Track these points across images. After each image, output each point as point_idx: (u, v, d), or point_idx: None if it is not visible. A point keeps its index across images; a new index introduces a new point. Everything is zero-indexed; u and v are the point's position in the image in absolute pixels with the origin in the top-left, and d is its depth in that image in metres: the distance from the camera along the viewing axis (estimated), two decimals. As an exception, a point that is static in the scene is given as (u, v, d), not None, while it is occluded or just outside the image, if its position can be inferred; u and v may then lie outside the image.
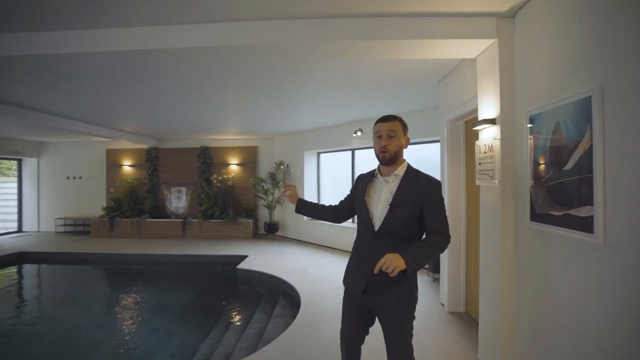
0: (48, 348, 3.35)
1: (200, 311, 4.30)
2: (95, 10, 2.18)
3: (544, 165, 1.82)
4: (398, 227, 1.56)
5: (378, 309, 1.63)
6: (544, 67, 1.83)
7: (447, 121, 3.38)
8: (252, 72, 3.51)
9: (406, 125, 1.67)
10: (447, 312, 3.44)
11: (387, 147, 1.60)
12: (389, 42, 2.27)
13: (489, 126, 2.25)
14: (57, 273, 6.26)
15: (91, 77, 3.76)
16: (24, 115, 5.28)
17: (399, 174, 1.63)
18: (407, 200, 1.56)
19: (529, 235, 1.99)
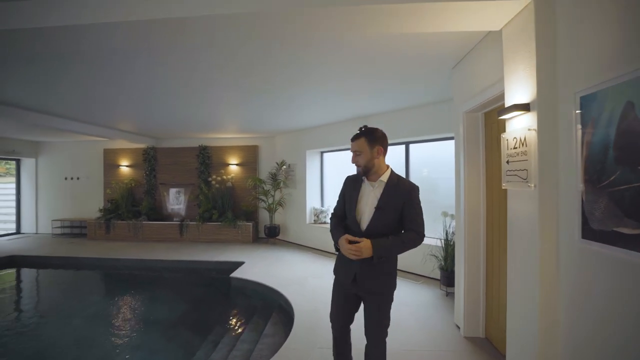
0: None
1: (188, 326, 3.90)
2: None
3: (606, 163, 1.32)
4: (382, 227, 1.77)
5: (364, 294, 1.87)
6: (606, 28, 1.32)
7: (463, 113, 2.87)
8: (249, 60, 3.07)
9: (375, 138, 1.81)
10: (462, 336, 2.93)
11: (355, 163, 1.86)
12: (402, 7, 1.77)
13: (521, 114, 1.75)
14: (45, 279, 5.95)
15: (87, 75, 3.54)
16: (22, 115, 5.12)
17: (383, 180, 1.82)
18: (390, 204, 1.77)
19: (580, 258, 1.48)
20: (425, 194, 4.77)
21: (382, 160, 1.84)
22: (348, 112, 5.42)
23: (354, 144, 1.84)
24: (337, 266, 1.98)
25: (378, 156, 1.81)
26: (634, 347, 1.21)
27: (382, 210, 1.76)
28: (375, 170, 1.82)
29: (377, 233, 1.75)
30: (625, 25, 1.24)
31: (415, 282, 4.48)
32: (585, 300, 1.46)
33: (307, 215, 7.11)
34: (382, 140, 1.82)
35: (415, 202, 1.79)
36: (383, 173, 1.83)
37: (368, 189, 1.85)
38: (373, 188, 1.83)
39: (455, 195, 3.14)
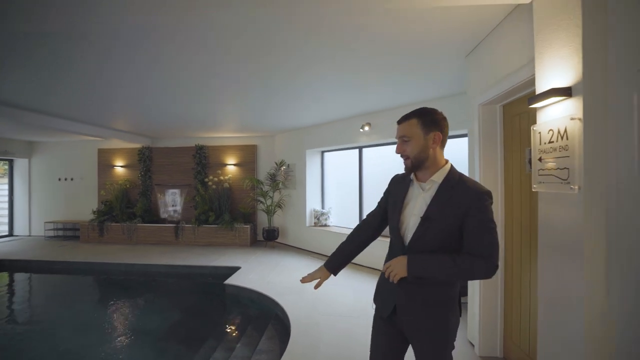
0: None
1: (179, 339, 3.60)
2: None
3: (685, 159, 1.01)
4: (431, 244, 1.31)
5: (410, 332, 1.38)
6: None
7: (478, 106, 2.56)
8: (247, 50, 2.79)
9: (432, 121, 1.33)
10: (478, 355, 2.62)
11: (402, 154, 1.38)
12: None
13: (560, 99, 1.44)
14: (33, 284, 5.68)
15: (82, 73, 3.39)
16: (15, 115, 4.94)
17: (437, 181, 1.34)
18: (444, 213, 1.29)
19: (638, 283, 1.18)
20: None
21: (440, 153, 1.36)
22: (352, 108, 5.11)
23: (400, 127, 1.37)
24: (377, 291, 1.55)
25: (434, 145, 1.33)
26: None
27: (431, 222, 1.29)
28: (428, 166, 1.35)
29: (425, 247, 1.31)
30: None
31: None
32: None
33: (307, 217, 6.81)
34: (441, 126, 1.34)
35: (486, 215, 1.25)
36: (438, 170, 1.35)
37: (417, 191, 1.39)
38: (423, 191, 1.37)
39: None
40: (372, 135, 5.35)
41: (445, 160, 1.38)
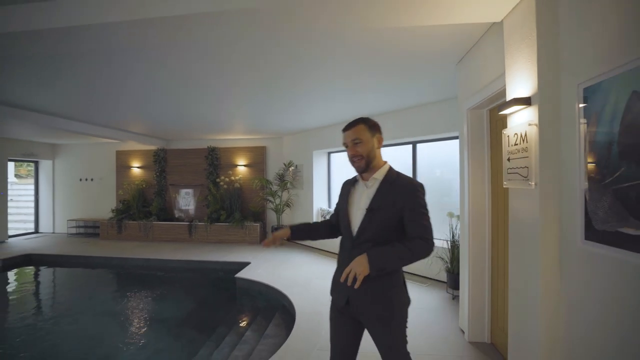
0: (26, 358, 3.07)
1: (193, 325, 3.91)
2: None
3: (610, 159, 1.23)
4: (376, 233, 1.47)
5: (364, 319, 1.52)
6: (612, 13, 1.23)
7: (467, 110, 2.77)
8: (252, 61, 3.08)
9: (374, 125, 1.57)
10: (467, 341, 2.82)
11: (355, 154, 1.54)
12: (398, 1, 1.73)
13: (522, 108, 1.66)
14: (59, 277, 6.10)
15: (101, 79, 3.67)
16: (40, 119, 5.35)
17: (378, 178, 1.54)
18: (384, 205, 1.47)
19: (583, 260, 1.39)
20: (438, 195, 4.68)
21: (380, 154, 1.58)
22: (354, 111, 5.34)
23: (350, 132, 1.55)
24: (332, 285, 1.65)
25: (378, 146, 1.57)
26: (632, 342, 1.12)
27: (375, 213, 1.47)
28: (373, 166, 1.55)
29: (370, 240, 1.47)
30: (631, 10, 1.15)
31: (422, 284, 4.37)
32: (587, 306, 1.36)
33: (314, 216, 7.07)
34: (380, 131, 1.59)
35: (419, 203, 1.45)
36: (379, 170, 1.55)
37: (362, 189, 1.58)
38: (367, 188, 1.55)
39: (459, 195, 3.04)
40: (376, 136, 5.56)
41: (384, 162, 1.59)
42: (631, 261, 1.15)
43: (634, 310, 1.14)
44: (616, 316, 1.21)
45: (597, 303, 1.32)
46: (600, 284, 1.30)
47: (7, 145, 8.12)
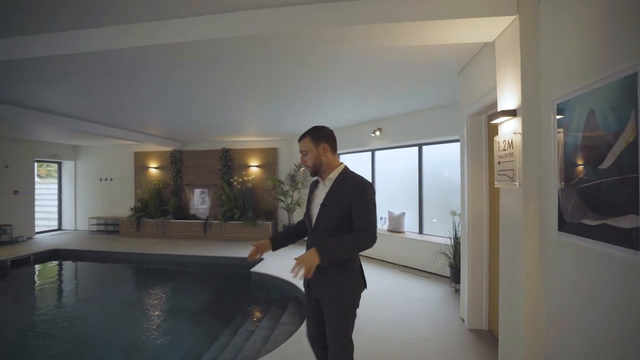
0: (63, 342, 3.42)
1: (212, 315, 4.23)
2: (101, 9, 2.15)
3: (576, 163, 1.49)
4: (329, 225, 1.70)
5: (320, 299, 1.75)
6: (576, 43, 1.49)
7: (467, 117, 3.03)
8: (264, 68, 3.37)
9: (320, 136, 1.77)
10: (467, 329, 3.08)
11: (304, 164, 1.81)
12: (394, 26, 2.01)
13: (509, 119, 1.92)
14: (84, 270, 6.51)
15: (123, 86, 3.98)
16: (64, 122, 5.72)
17: (332, 178, 1.77)
18: (335, 201, 1.69)
19: (557, 248, 1.65)
20: (446, 195, 4.89)
21: (332, 158, 1.78)
22: (363, 115, 5.63)
23: (300, 144, 1.78)
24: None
25: (325, 154, 1.75)
26: (596, 327, 1.37)
27: (327, 207, 1.70)
28: (325, 169, 1.76)
29: (324, 230, 1.69)
30: (594, 40, 1.40)
31: (426, 279, 4.63)
32: (561, 286, 1.62)
33: (324, 215, 7.34)
34: (327, 138, 1.77)
35: (365, 199, 1.64)
36: (333, 171, 1.77)
37: (321, 188, 1.82)
38: (325, 187, 1.78)
39: (460, 195, 3.30)
40: (384, 139, 5.84)
41: (340, 163, 1.82)
42: (591, 247, 1.40)
43: (595, 286, 1.40)
44: (583, 292, 1.47)
45: (568, 283, 1.57)
46: (570, 267, 1.56)
47: (34, 147, 8.61)
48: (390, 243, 5.59)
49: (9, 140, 7.96)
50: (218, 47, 2.31)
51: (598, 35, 1.36)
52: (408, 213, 5.76)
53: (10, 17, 2.27)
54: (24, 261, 6.46)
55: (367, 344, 2.85)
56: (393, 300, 3.93)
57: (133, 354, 3.24)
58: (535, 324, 1.79)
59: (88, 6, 2.15)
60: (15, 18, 2.28)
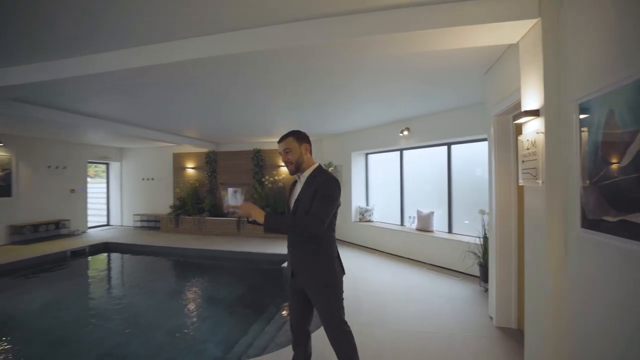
0: (116, 322, 3.83)
1: (246, 305, 4.51)
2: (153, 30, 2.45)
3: (597, 162, 1.54)
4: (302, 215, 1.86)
5: (305, 288, 1.92)
6: (597, 44, 1.54)
7: (494, 116, 3.05)
8: (292, 73, 3.56)
9: (301, 137, 1.98)
10: (494, 326, 3.10)
11: (286, 161, 1.97)
12: (419, 33, 2.13)
13: (532, 119, 1.97)
14: (130, 261, 7.08)
15: (160, 91, 4.31)
16: (112, 127, 6.28)
17: (306, 175, 1.97)
18: (306, 195, 1.88)
19: (581, 245, 1.69)
20: (477, 195, 4.84)
21: (310, 158, 1.99)
22: (391, 115, 5.70)
23: (282, 143, 1.96)
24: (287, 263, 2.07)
25: (306, 153, 1.96)
26: (619, 320, 1.42)
27: (299, 201, 1.89)
28: (304, 167, 1.96)
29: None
30: (614, 42, 1.45)
31: (455, 278, 4.63)
32: (584, 281, 1.67)
33: (353, 213, 7.48)
34: (307, 140, 2.00)
35: (326, 192, 1.81)
36: (308, 169, 1.97)
37: (298, 185, 2.01)
38: (301, 184, 1.97)
39: (487, 194, 3.31)
40: (411, 138, 5.87)
41: (314, 162, 2.01)
42: (612, 243, 1.45)
43: (617, 281, 1.44)
44: (606, 287, 1.51)
45: (592, 279, 1.62)
46: (593, 263, 1.60)
47: (86, 150, 9.44)
48: (419, 242, 5.63)
49: (67, 144, 8.81)
50: (255, 59, 2.53)
51: (617, 38, 1.41)
52: (437, 212, 5.75)
53: (73, 40, 2.64)
54: (81, 252, 7.16)
55: (393, 337, 2.97)
56: (420, 296, 4.00)
57: (176, 336, 3.56)
58: (560, 320, 1.84)
59: (148, 26, 2.44)
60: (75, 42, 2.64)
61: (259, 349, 3.21)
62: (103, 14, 2.28)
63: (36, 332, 3.61)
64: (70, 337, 3.50)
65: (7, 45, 2.74)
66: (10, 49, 2.81)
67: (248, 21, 2.33)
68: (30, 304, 4.42)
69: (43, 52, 2.88)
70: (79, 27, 2.45)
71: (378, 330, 3.13)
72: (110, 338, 3.50)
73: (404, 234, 6.00)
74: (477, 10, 1.98)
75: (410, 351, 2.73)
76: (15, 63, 3.12)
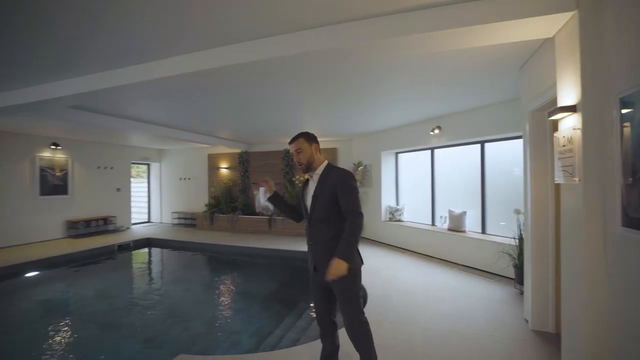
0: (158, 311, 4.12)
1: (277, 300, 4.67)
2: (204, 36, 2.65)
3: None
4: (321, 212, 2.00)
5: (330, 283, 1.98)
6: (637, 37, 1.49)
7: (529, 112, 2.96)
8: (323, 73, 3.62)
9: (311, 137, 2.12)
10: (530, 329, 3.00)
11: (299, 161, 2.09)
12: (453, 31, 2.13)
13: (569, 115, 1.92)
14: (170, 256, 7.53)
15: (198, 95, 4.57)
16: (152, 129, 6.73)
17: (319, 173, 2.08)
18: (323, 191, 1.99)
19: (621, 244, 1.63)
20: (514, 195, 4.67)
21: (319, 157, 2.12)
22: (421, 113, 5.64)
23: (293, 144, 2.09)
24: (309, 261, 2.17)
25: (316, 152, 2.09)
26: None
27: (317, 197, 2.00)
28: (315, 166, 2.08)
29: (317, 218, 2.00)
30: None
31: (488, 279, 4.50)
32: (626, 282, 1.61)
33: (383, 213, 7.46)
34: (316, 141, 2.14)
35: (346, 184, 1.94)
36: (319, 167, 2.09)
37: (311, 183, 2.13)
38: (313, 182, 2.10)
39: (523, 193, 3.21)
40: (442, 137, 5.76)
41: (323, 160, 2.13)
42: (654, 242, 1.40)
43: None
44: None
45: (634, 278, 1.56)
46: (636, 262, 1.54)
47: (130, 152, 10.13)
48: (451, 242, 5.52)
49: (113, 147, 9.51)
50: (286, 62, 2.65)
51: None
52: (469, 212, 5.61)
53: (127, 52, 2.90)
54: (126, 246, 7.72)
55: (424, 336, 2.97)
56: (451, 296, 3.94)
57: (213, 326, 3.78)
58: (599, 323, 1.78)
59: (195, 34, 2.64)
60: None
61: (290, 341, 3.33)
62: (152, 30, 2.50)
63: (91, 315, 3.99)
64: (119, 322, 3.83)
65: (72, 58, 3.06)
66: (75, 61, 3.14)
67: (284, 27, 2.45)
68: (85, 291, 4.87)
69: (101, 63, 3.19)
70: (134, 40, 2.70)
71: (408, 328, 3.14)
72: (153, 324, 3.78)
73: (435, 234, 5.91)
74: (511, 5, 1.96)
75: (440, 350, 2.72)
76: (78, 74, 3.49)
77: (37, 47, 2.82)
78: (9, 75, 3.54)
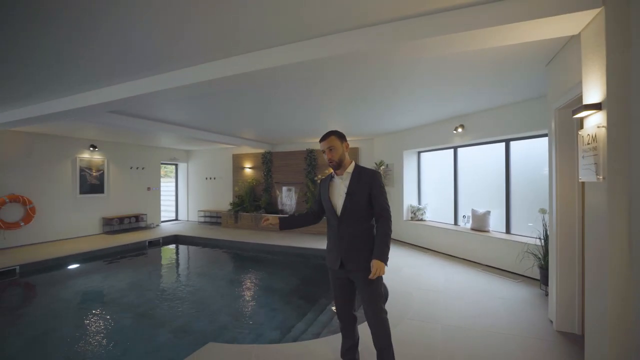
0: (186, 304, 4.35)
1: (299, 296, 4.79)
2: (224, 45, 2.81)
3: (662, 155, 1.47)
4: (354, 209, 2.06)
5: (353, 274, 2.08)
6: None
7: (555, 110, 2.91)
8: (346, 73, 3.69)
9: (342, 136, 2.15)
10: (555, 330, 2.95)
11: (331, 159, 2.12)
12: (479, 32, 2.15)
13: (594, 112, 1.90)
14: (196, 252, 7.85)
15: (224, 98, 4.77)
16: (180, 131, 7.05)
17: (350, 172, 2.14)
18: (358, 189, 2.06)
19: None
20: (536, 193, 4.57)
21: (348, 155, 2.18)
22: (444, 112, 5.59)
23: (325, 142, 2.12)
24: (327, 254, 2.22)
25: (346, 151, 2.15)
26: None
27: (352, 195, 2.05)
28: (344, 164, 2.13)
29: (350, 215, 2.05)
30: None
31: (512, 280, 4.42)
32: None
33: (404, 212, 7.43)
34: (346, 138, 2.17)
35: (379, 183, 2.06)
36: (349, 166, 2.14)
37: (338, 182, 2.15)
38: (342, 180, 2.13)
39: (548, 192, 3.16)
40: (465, 136, 5.69)
41: (351, 160, 2.18)
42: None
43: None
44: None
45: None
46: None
47: (159, 152, 10.61)
48: (474, 242, 5.44)
49: (144, 148, 10.01)
50: (310, 65, 2.75)
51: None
52: (493, 211, 5.51)
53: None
54: (156, 242, 8.13)
55: (445, 333, 2.99)
56: (474, 296, 3.91)
57: (238, 319, 3.94)
58: (623, 325, 1.77)
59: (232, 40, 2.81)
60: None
61: (312, 335, 3.44)
62: (185, 37, 2.67)
63: (125, 306, 4.27)
64: (151, 312, 4.08)
65: (108, 66, 3.32)
66: (112, 69, 3.39)
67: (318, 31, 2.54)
68: (119, 283, 5.20)
69: (136, 70, 3.43)
70: (167, 48, 2.89)
71: (429, 324, 3.17)
72: (183, 315, 4.01)
73: (457, 234, 5.85)
74: (538, 4, 1.96)
75: (462, 349, 2.73)
76: (117, 82, 3.76)
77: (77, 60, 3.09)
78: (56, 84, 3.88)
